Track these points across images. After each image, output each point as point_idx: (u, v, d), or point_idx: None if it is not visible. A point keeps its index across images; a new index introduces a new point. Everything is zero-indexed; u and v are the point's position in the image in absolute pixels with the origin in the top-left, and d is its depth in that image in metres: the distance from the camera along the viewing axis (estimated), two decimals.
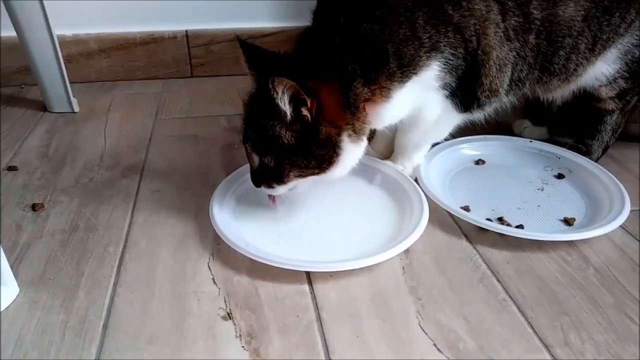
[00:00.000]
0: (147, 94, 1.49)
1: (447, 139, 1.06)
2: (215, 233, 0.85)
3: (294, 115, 0.79)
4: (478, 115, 0.99)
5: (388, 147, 1.07)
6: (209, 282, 0.79)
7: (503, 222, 0.91)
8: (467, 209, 0.93)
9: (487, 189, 1.02)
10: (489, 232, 0.88)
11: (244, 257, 0.80)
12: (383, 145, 1.08)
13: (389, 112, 0.88)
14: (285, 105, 0.78)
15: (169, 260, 0.83)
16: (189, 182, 1.04)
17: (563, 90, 1.06)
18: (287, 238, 0.88)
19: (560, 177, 1.05)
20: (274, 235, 0.88)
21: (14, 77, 1.50)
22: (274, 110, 0.78)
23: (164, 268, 0.81)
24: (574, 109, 1.12)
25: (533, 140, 1.13)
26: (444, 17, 0.85)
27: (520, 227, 0.89)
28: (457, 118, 0.98)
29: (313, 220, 0.92)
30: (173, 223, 0.92)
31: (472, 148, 1.11)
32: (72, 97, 1.35)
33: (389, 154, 1.05)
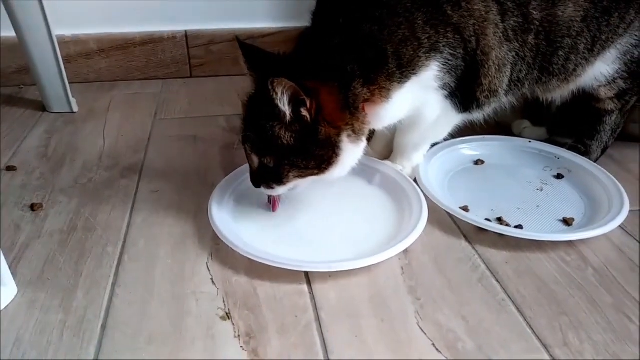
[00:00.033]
0: (146, 94, 1.48)
1: (446, 139, 1.06)
2: (214, 233, 0.85)
3: (294, 116, 0.79)
4: (477, 116, 0.99)
5: (387, 147, 1.07)
6: (208, 282, 0.79)
7: (502, 222, 0.91)
8: (466, 209, 0.93)
9: (486, 189, 1.02)
10: (488, 232, 0.88)
11: (243, 257, 0.80)
12: (382, 146, 1.08)
13: (389, 112, 0.88)
14: (285, 106, 0.78)
15: (168, 261, 0.83)
16: (188, 182, 1.04)
17: (562, 91, 1.06)
18: (286, 238, 0.88)
19: (560, 177, 1.05)
20: (273, 235, 0.88)
21: (13, 77, 1.50)
22: (274, 111, 0.78)
23: (163, 268, 0.81)
24: (573, 110, 1.12)
25: (532, 141, 1.13)
26: (443, 17, 0.85)
27: (520, 227, 0.89)
28: (456, 118, 0.98)
29: (312, 220, 0.92)
30: (172, 223, 0.92)
31: (471, 148, 1.11)
32: (71, 97, 1.35)
33: (388, 154, 1.05)
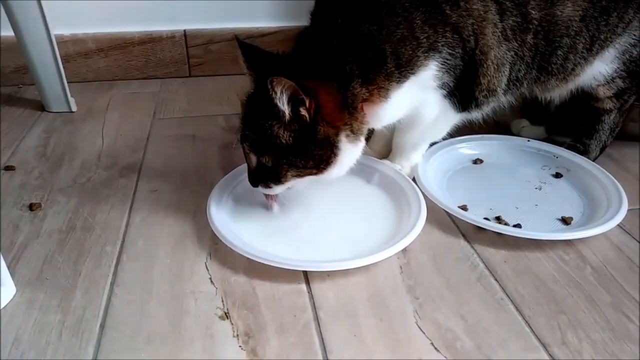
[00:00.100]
0: (145, 94, 1.48)
1: (445, 139, 1.06)
2: (213, 233, 0.85)
3: (292, 115, 0.79)
4: (476, 115, 0.99)
5: (386, 146, 1.07)
6: (207, 281, 0.79)
7: (501, 221, 0.91)
8: (464, 208, 0.93)
9: (485, 188, 1.02)
10: (487, 231, 0.88)
11: (242, 256, 0.80)
12: (381, 145, 1.08)
13: (387, 112, 0.88)
14: (284, 105, 0.78)
15: (167, 260, 0.83)
16: (187, 181, 1.04)
17: (561, 90, 1.06)
18: (284, 237, 0.88)
19: (558, 176, 1.05)
20: (272, 235, 0.88)
21: (12, 76, 1.49)
22: (273, 110, 0.78)
23: (162, 268, 0.81)
24: (572, 109, 1.12)
25: (531, 140, 1.13)
26: (442, 17, 0.85)
27: (518, 226, 0.89)
28: (455, 118, 0.98)
29: (311, 220, 0.92)
30: (170, 223, 0.91)
31: (470, 147, 1.11)
32: (69, 96, 1.34)
33: (387, 154, 1.05)
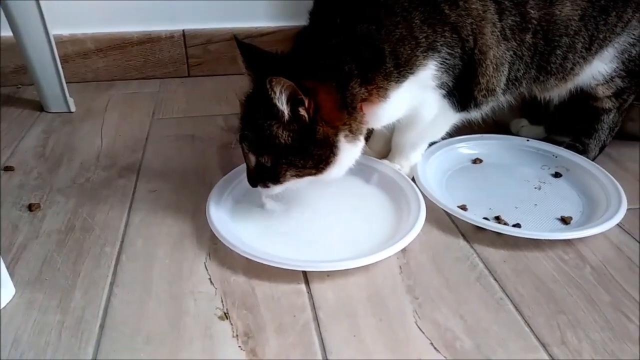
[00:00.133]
0: (144, 94, 1.48)
1: (444, 138, 1.06)
2: (212, 233, 0.85)
3: (291, 115, 0.79)
4: (475, 115, 0.99)
5: (385, 146, 1.07)
6: (206, 282, 0.78)
7: (500, 221, 0.91)
8: (464, 208, 0.93)
9: (484, 188, 1.02)
10: (486, 231, 0.88)
11: (241, 256, 0.80)
12: (380, 145, 1.08)
13: (386, 112, 0.88)
14: (283, 105, 0.78)
15: (166, 260, 0.83)
16: (186, 181, 1.04)
17: (560, 89, 1.06)
18: (283, 237, 0.87)
19: (558, 175, 1.05)
20: (271, 235, 0.88)
21: (11, 77, 1.49)
22: (272, 110, 0.78)
23: (161, 268, 0.81)
24: (571, 108, 1.12)
25: (530, 139, 1.13)
26: (441, 16, 0.85)
27: (518, 226, 0.89)
28: (454, 117, 0.98)
29: (310, 220, 0.92)
30: (170, 223, 0.91)
31: (469, 147, 1.11)
32: (68, 97, 1.34)
33: (387, 153, 1.05)
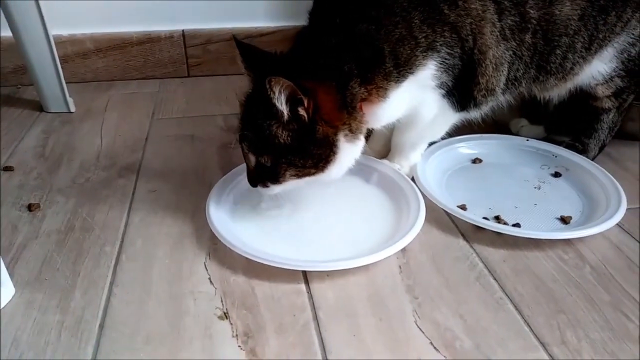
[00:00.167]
0: (143, 94, 1.48)
1: (444, 138, 1.06)
2: (212, 233, 0.85)
3: (291, 115, 0.79)
4: (475, 114, 0.99)
5: (385, 146, 1.07)
6: (206, 281, 0.79)
7: (500, 220, 0.91)
8: (464, 208, 0.93)
9: (484, 188, 1.02)
10: (486, 230, 0.88)
11: (241, 256, 0.80)
12: (380, 144, 1.08)
13: (386, 111, 0.88)
14: (282, 105, 0.78)
15: (166, 260, 0.83)
16: (186, 181, 1.04)
17: (560, 89, 1.06)
18: (283, 237, 0.87)
19: (557, 175, 1.05)
20: (271, 235, 0.88)
21: (11, 77, 1.49)
22: (271, 110, 0.78)
23: (161, 268, 0.81)
24: (571, 108, 1.12)
25: (530, 139, 1.13)
26: (440, 16, 0.85)
27: (517, 225, 0.89)
28: (453, 117, 0.98)
29: (309, 220, 0.92)
30: (169, 223, 0.91)
31: (469, 147, 1.11)
32: (68, 97, 1.34)
33: (386, 153, 1.05)
